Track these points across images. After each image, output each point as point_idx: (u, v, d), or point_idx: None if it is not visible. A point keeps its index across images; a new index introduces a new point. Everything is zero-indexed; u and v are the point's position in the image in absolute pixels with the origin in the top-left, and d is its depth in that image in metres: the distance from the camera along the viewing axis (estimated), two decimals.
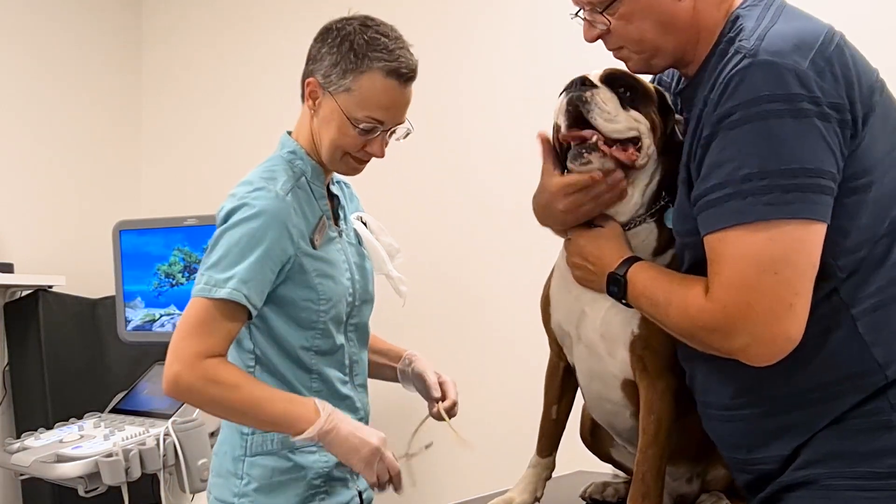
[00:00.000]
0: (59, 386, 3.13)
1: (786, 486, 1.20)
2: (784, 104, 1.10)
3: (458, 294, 3.04)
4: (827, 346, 1.16)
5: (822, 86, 1.11)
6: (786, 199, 1.10)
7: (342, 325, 1.63)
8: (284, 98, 3.41)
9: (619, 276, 1.29)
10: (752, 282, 1.12)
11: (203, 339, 1.45)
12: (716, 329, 1.16)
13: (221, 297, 1.45)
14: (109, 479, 2.32)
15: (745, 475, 1.29)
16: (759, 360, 1.15)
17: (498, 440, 2.72)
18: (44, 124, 3.48)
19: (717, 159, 1.15)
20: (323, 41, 1.58)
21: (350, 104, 1.54)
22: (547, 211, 1.40)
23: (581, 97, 1.30)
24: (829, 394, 1.16)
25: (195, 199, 3.55)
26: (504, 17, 3.02)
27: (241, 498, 1.57)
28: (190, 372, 1.43)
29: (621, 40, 1.30)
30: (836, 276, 1.15)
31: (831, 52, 1.14)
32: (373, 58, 1.52)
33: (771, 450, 1.22)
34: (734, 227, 1.13)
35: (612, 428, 1.52)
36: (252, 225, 1.48)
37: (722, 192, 1.14)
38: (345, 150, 1.58)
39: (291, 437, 1.47)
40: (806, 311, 1.12)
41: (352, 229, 1.72)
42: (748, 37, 1.17)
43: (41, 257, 3.38)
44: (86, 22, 3.67)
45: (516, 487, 1.54)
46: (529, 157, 1.59)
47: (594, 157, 1.31)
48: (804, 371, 1.17)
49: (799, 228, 1.11)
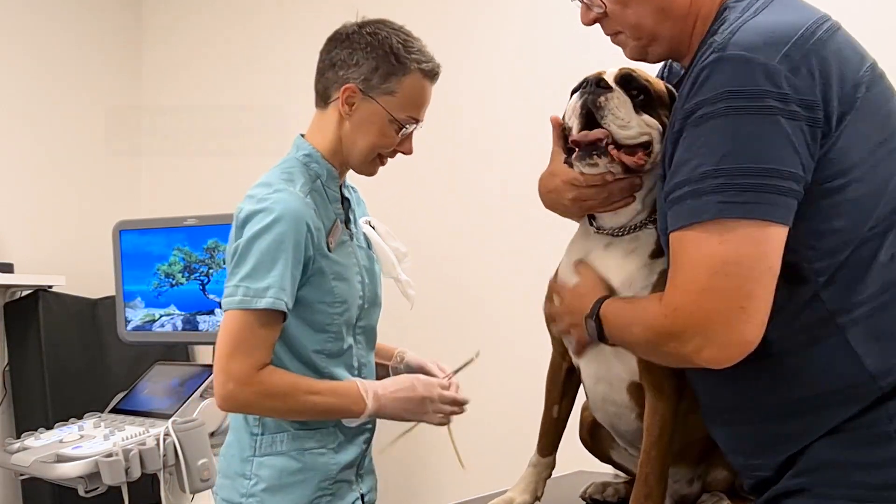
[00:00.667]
0: (59, 386, 3.13)
1: (781, 493, 1.19)
2: (748, 100, 1.07)
3: (457, 294, 3.04)
4: (815, 358, 1.13)
5: (793, 82, 1.07)
6: (741, 199, 1.07)
7: (352, 328, 1.66)
8: (284, 98, 3.42)
9: (592, 317, 1.29)
10: (702, 283, 1.09)
11: (251, 354, 1.50)
12: (670, 334, 1.13)
13: (263, 308, 1.49)
14: (109, 479, 2.32)
15: (747, 479, 1.29)
16: (714, 363, 1.12)
17: (498, 440, 2.72)
18: (44, 124, 3.48)
19: (682, 156, 1.13)
20: (351, 46, 1.61)
21: (394, 106, 1.60)
22: (553, 196, 1.39)
23: (595, 102, 1.29)
24: (822, 404, 1.14)
25: (195, 199, 3.55)
26: (504, 18, 3.02)
27: (249, 498, 1.59)
28: (244, 389, 1.50)
29: (618, 24, 1.29)
30: (813, 281, 1.12)
31: (809, 47, 1.09)
32: (412, 59, 1.60)
33: (766, 457, 1.21)
34: (690, 226, 1.10)
35: (615, 429, 1.51)
36: (278, 229, 1.51)
37: (682, 189, 1.12)
38: (379, 151, 1.64)
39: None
40: (761, 313, 1.09)
41: (361, 233, 1.75)
42: (724, 30, 1.15)
43: (41, 257, 3.38)
44: (86, 22, 3.67)
45: (516, 487, 1.54)
46: (529, 158, 1.59)
47: (601, 161, 1.30)
48: (795, 382, 1.15)
49: (753, 230, 1.07)
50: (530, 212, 1.43)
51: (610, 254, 1.38)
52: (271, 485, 1.59)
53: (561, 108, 1.39)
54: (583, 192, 1.34)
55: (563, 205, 1.39)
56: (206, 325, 2.97)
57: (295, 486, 1.59)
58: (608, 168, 1.30)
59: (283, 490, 1.59)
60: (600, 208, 1.36)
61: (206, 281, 2.96)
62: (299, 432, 1.61)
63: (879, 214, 1.13)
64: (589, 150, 1.30)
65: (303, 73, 3.39)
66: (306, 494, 1.60)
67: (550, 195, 1.41)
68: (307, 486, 1.60)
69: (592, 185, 1.33)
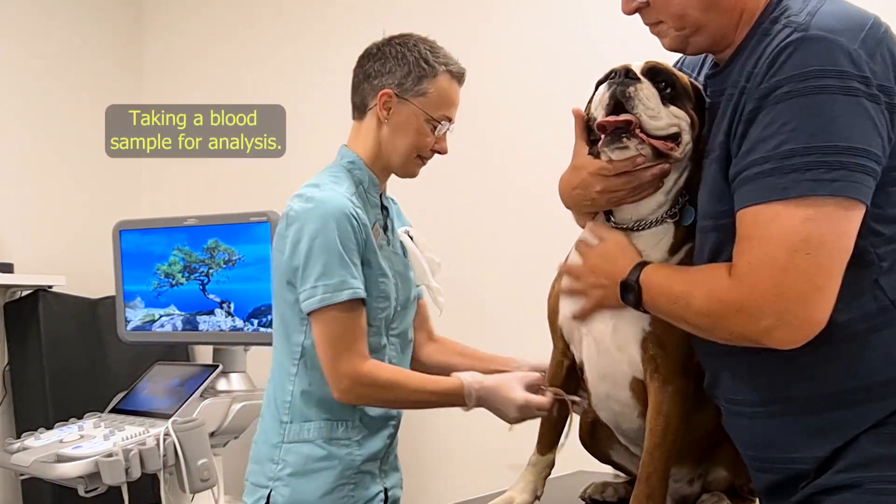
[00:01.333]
0: (59, 386, 3.13)
1: (824, 489, 1.17)
2: (835, 80, 1.07)
3: (456, 294, 3.03)
4: (872, 346, 1.13)
5: (872, 67, 1.09)
6: (830, 177, 1.07)
7: (386, 328, 1.75)
8: (284, 98, 3.41)
9: (632, 282, 1.27)
10: (782, 261, 1.09)
11: (352, 348, 1.62)
12: (742, 309, 1.12)
13: (345, 300, 1.61)
14: (109, 479, 2.32)
15: (771, 476, 1.25)
16: (783, 343, 1.12)
17: (498, 440, 2.72)
18: (44, 124, 3.48)
19: (762, 134, 1.12)
20: (383, 57, 1.74)
21: (429, 106, 1.73)
22: (579, 192, 1.37)
23: (624, 92, 1.27)
24: (874, 395, 1.13)
25: (195, 199, 3.55)
26: (515, 15, 3.02)
27: (276, 482, 1.69)
28: (356, 385, 1.62)
29: (661, 14, 1.26)
30: (876, 265, 1.13)
31: (881, 36, 1.12)
32: (440, 62, 1.73)
33: (807, 450, 1.18)
34: (771, 202, 1.10)
35: (618, 428, 1.51)
36: (332, 226, 1.61)
37: (763, 166, 1.11)
38: (418, 152, 1.75)
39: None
40: (834, 294, 1.10)
41: (398, 241, 1.83)
42: (798, 13, 1.15)
43: (41, 257, 3.38)
44: (86, 21, 3.66)
45: (516, 486, 1.54)
46: (531, 159, 1.59)
47: (631, 143, 1.27)
48: (848, 370, 1.14)
49: (839, 208, 1.07)
50: (528, 211, 1.43)
51: None
52: (297, 470, 1.68)
53: (561, 112, 1.38)
54: (611, 183, 1.32)
55: (590, 199, 1.36)
56: (206, 326, 2.97)
57: (319, 473, 1.68)
58: (638, 150, 1.28)
59: (308, 476, 1.68)
60: (629, 199, 1.34)
61: (206, 281, 2.96)
62: (326, 422, 1.69)
63: None
64: (618, 135, 1.28)
65: (303, 72, 3.41)
66: (329, 481, 1.68)
67: (576, 192, 1.38)
68: (331, 473, 1.68)
69: (621, 172, 1.30)
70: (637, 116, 1.27)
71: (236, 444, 2.97)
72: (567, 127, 1.43)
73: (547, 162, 1.45)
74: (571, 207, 1.44)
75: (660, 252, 1.34)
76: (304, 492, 1.68)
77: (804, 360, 1.15)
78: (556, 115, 1.44)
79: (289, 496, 1.68)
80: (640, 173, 1.30)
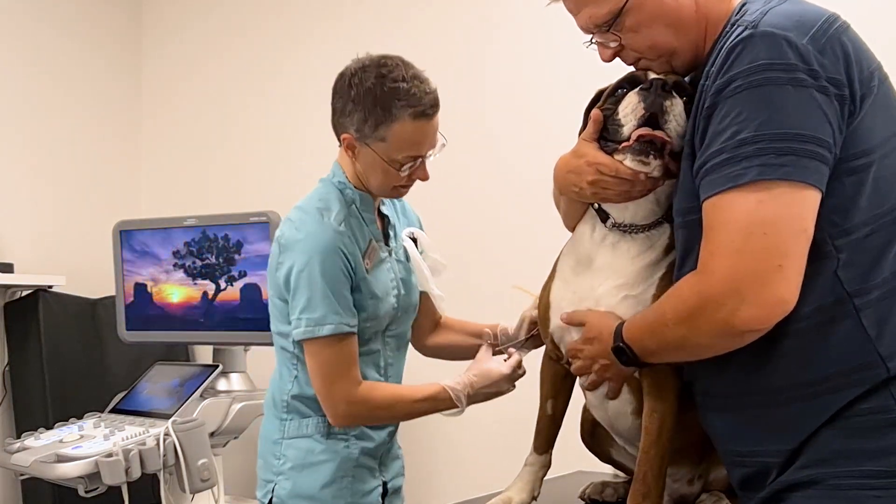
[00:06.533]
0: (59, 386, 3.13)
1: (788, 485, 1.19)
2: (782, 73, 1.11)
3: (456, 293, 3.03)
4: (829, 338, 1.15)
5: (821, 61, 1.12)
6: (779, 162, 1.10)
7: (381, 335, 1.79)
8: (283, 99, 3.42)
9: (620, 344, 1.29)
10: (738, 244, 1.11)
11: (344, 375, 1.67)
12: (707, 299, 1.14)
13: (328, 335, 1.65)
14: (109, 479, 2.32)
15: (743, 469, 1.27)
16: (751, 324, 1.13)
17: (498, 440, 2.72)
18: (44, 125, 3.48)
19: (718, 127, 1.16)
20: (345, 97, 1.67)
21: (388, 151, 1.67)
22: (572, 177, 1.39)
23: (662, 106, 1.28)
24: (830, 387, 1.15)
25: (195, 199, 3.56)
26: (521, 27, 3.02)
27: (279, 476, 1.76)
28: (352, 407, 1.68)
29: (636, 52, 1.32)
30: (834, 257, 1.15)
31: (832, 32, 1.15)
32: (398, 107, 1.63)
33: (771, 443, 1.21)
34: (727, 190, 1.13)
35: (613, 428, 1.52)
36: (317, 263, 1.64)
37: (718, 158, 1.14)
38: (393, 184, 1.73)
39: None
40: (798, 273, 1.12)
41: (401, 246, 1.85)
42: (751, 13, 1.19)
43: (41, 257, 3.38)
44: (86, 24, 3.67)
45: (514, 486, 1.54)
46: (535, 158, 1.58)
47: (654, 163, 1.29)
48: (805, 363, 1.16)
49: (791, 191, 1.10)
50: (529, 212, 1.43)
51: (619, 252, 1.39)
52: (297, 464, 1.75)
53: (566, 115, 1.38)
54: (604, 180, 1.34)
55: (579, 187, 1.38)
56: (206, 326, 2.97)
57: (318, 466, 1.74)
58: (656, 170, 1.30)
59: (308, 469, 1.74)
60: (614, 199, 1.36)
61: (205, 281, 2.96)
62: (324, 419, 1.74)
63: (893, 204, 1.17)
64: (645, 148, 1.29)
65: (301, 75, 3.41)
66: (328, 474, 1.74)
67: (569, 175, 1.40)
68: (330, 466, 1.74)
69: (618, 176, 1.32)
70: (669, 132, 1.28)
71: (236, 444, 2.97)
72: (573, 127, 1.45)
73: (551, 162, 1.45)
74: (560, 189, 1.46)
75: (654, 253, 1.36)
76: (305, 484, 1.74)
77: (766, 353, 1.17)
78: (571, 116, 1.44)
79: (290, 489, 1.75)
80: (636, 184, 1.32)
